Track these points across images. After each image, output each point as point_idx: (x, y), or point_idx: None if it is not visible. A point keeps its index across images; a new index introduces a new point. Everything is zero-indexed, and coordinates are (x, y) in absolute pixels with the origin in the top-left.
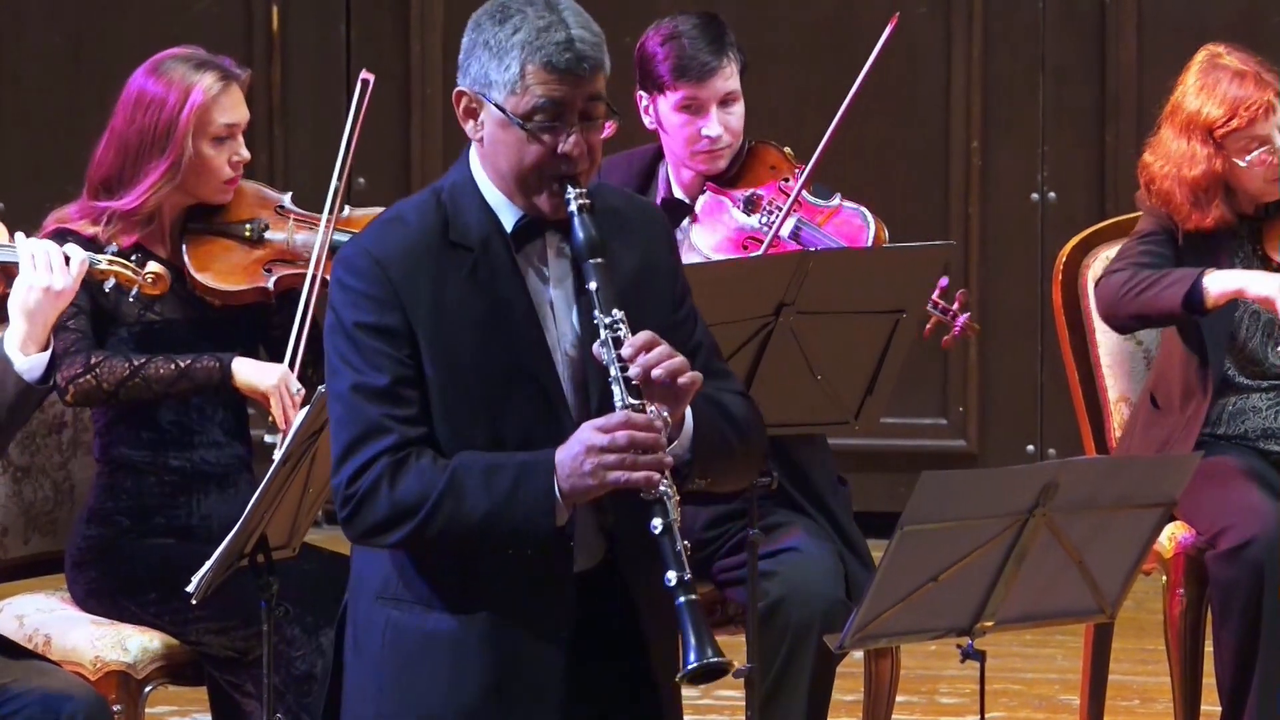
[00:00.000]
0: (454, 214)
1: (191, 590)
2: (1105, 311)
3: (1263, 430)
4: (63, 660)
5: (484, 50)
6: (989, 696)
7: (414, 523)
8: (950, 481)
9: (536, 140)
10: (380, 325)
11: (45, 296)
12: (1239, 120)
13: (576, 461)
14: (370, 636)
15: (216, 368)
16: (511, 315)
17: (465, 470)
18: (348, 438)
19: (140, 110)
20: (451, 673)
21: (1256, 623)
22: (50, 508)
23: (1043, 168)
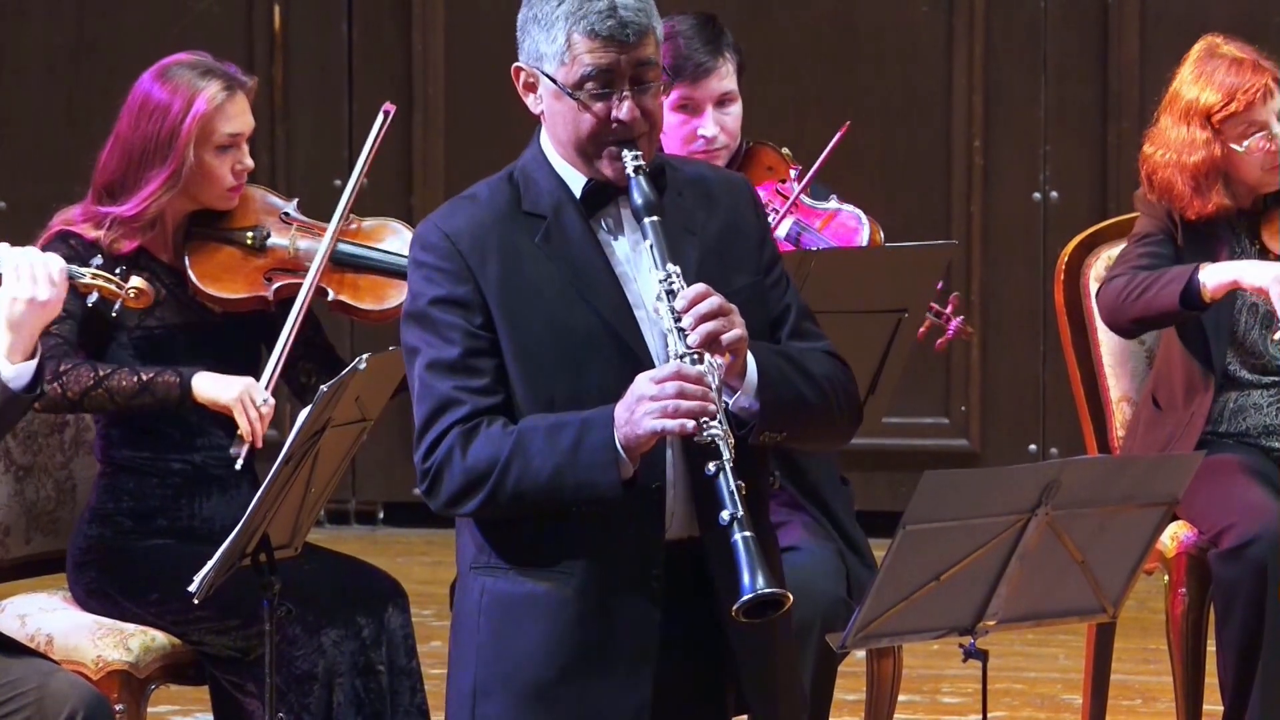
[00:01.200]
0: (525, 187)
1: (193, 590)
2: (1108, 318)
3: (1264, 427)
4: (65, 660)
5: (534, 24)
6: (991, 696)
7: (487, 488)
8: (952, 481)
9: (588, 109)
10: (452, 297)
11: (30, 308)
12: (1237, 104)
13: (629, 410)
14: (466, 606)
15: (176, 383)
16: (590, 276)
17: (531, 431)
18: (423, 414)
19: (145, 116)
20: (548, 635)
21: (1259, 622)
22: (52, 507)
23: (1045, 167)
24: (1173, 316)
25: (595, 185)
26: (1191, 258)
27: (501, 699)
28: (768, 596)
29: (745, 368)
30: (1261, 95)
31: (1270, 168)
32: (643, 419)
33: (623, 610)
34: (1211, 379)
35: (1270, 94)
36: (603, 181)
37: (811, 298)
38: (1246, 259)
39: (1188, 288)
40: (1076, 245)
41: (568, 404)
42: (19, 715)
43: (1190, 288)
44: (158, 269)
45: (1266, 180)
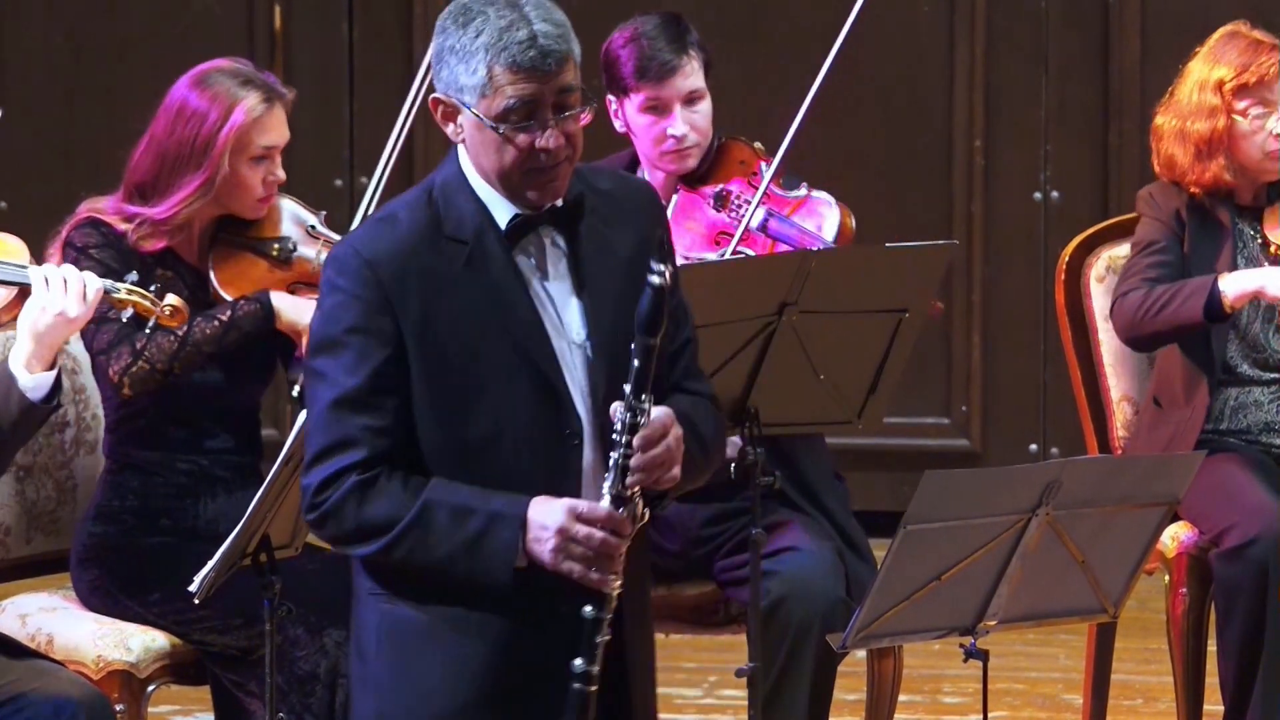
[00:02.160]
0: (446, 209)
1: (194, 590)
2: (1126, 335)
3: (1265, 424)
4: (65, 659)
5: (451, 55)
6: (992, 696)
7: (378, 545)
8: (953, 481)
9: (511, 142)
10: (367, 328)
11: (58, 321)
12: (1250, 76)
13: (545, 533)
14: (366, 635)
15: (259, 309)
16: (509, 306)
17: (436, 506)
18: (323, 442)
19: (181, 121)
20: (453, 664)
21: (1260, 622)
22: (53, 507)
23: (1046, 167)
24: (1195, 329)
25: (520, 219)
26: (1197, 257)
27: None
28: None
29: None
30: (1274, 74)
31: (1270, 153)
32: (558, 557)
33: (531, 637)
34: (1213, 375)
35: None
36: (528, 213)
37: (811, 298)
38: (1250, 252)
39: (1209, 300)
40: (1077, 245)
41: (484, 437)
42: (19, 716)
43: (1212, 299)
44: (182, 270)
45: (1265, 168)
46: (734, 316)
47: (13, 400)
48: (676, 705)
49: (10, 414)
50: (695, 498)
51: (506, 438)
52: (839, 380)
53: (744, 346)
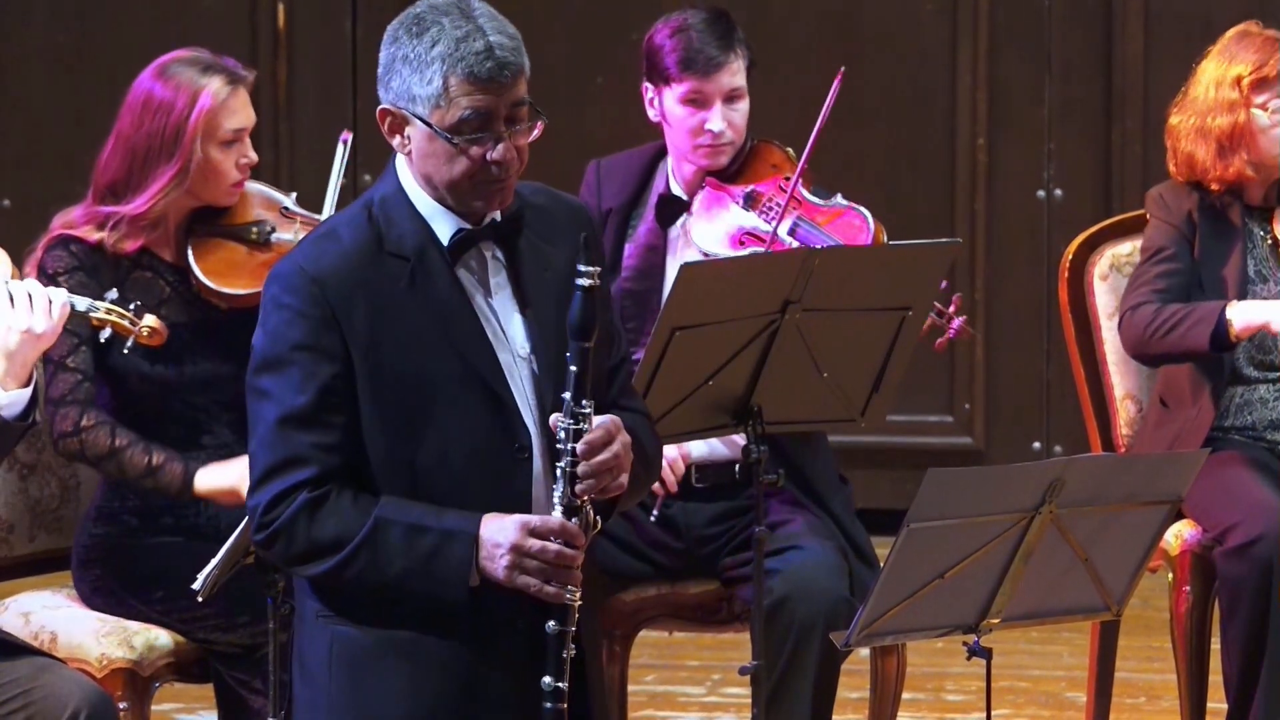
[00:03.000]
0: (386, 226)
1: (197, 588)
2: (1133, 351)
3: (1270, 422)
4: (69, 658)
5: (404, 65)
6: (995, 694)
7: (329, 564)
8: (956, 479)
9: (464, 153)
10: (315, 345)
11: (25, 338)
12: (1269, 69)
13: (499, 550)
14: (317, 654)
15: (180, 474)
16: (454, 322)
17: (387, 524)
18: (270, 461)
19: (148, 114)
20: (407, 686)
21: (1264, 620)
22: (56, 505)
23: (1049, 165)
24: (1201, 356)
25: (462, 234)
26: (1207, 259)
27: None
28: None
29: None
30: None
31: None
32: (512, 572)
33: (487, 657)
34: (1220, 378)
35: None
36: (471, 228)
37: (815, 296)
38: (1260, 254)
39: (1216, 331)
40: (1080, 243)
41: (432, 453)
42: (22, 714)
43: (1219, 330)
44: (161, 267)
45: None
46: (737, 314)
47: None
48: (680, 703)
49: None
50: (700, 496)
51: (456, 453)
52: (842, 378)
53: (747, 344)
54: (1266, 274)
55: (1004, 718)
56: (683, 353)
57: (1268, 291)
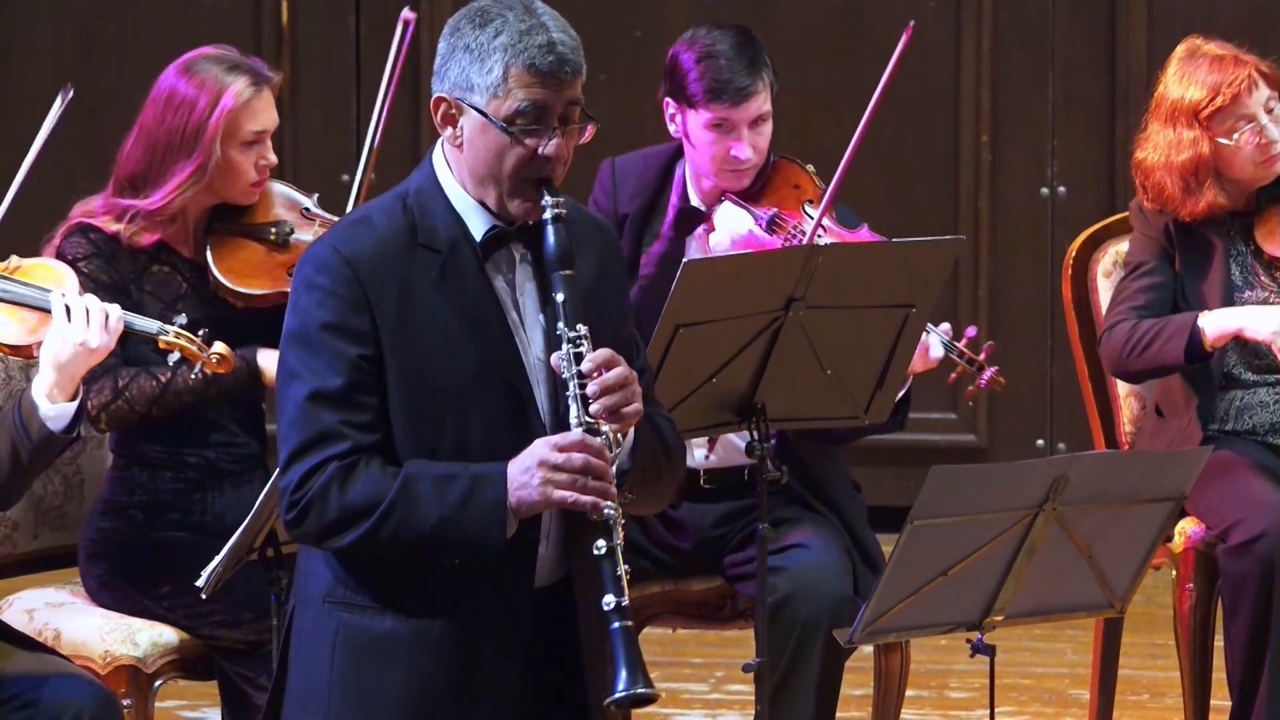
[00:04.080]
0: (421, 217)
1: (202, 584)
2: (1114, 371)
3: (1270, 425)
4: (72, 654)
5: (464, 54)
6: (999, 691)
7: (365, 527)
8: (960, 476)
9: (519, 143)
10: (345, 325)
11: (79, 351)
12: (1222, 99)
13: (527, 474)
14: (319, 640)
15: (243, 366)
16: (481, 319)
17: (417, 478)
18: (300, 440)
19: (170, 110)
20: (407, 675)
21: (1267, 617)
22: (60, 502)
23: (1052, 162)
24: (1178, 369)
25: (497, 231)
26: (1189, 269)
27: None
28: (640, 696)
29: (628, 433)
30: (1246, 87)
31: (1262, 161)
32: (546, 488)
33: (486, 659)
34: (1212, 386)
35: (1255, 85)
36: (503, 227)
37: (818, 293)
38: (1242, 261)
39: (1190, 343)
40: (1084, 240)
41: (451, 446)
42: (26, 711)
43: (1192, 341)
44: (178, 263)
45: (1260, 174)
46: (741, 311)
47: (33, 428)
48: (684, 700)
49: (31, 443)
50: (708, 498)
51: (473, 444)
52: (846, 375)
53: (751, 341)
54: (1251, 280)
55: (1007, 715)
56: (686, 350)
57: (1254, 297)
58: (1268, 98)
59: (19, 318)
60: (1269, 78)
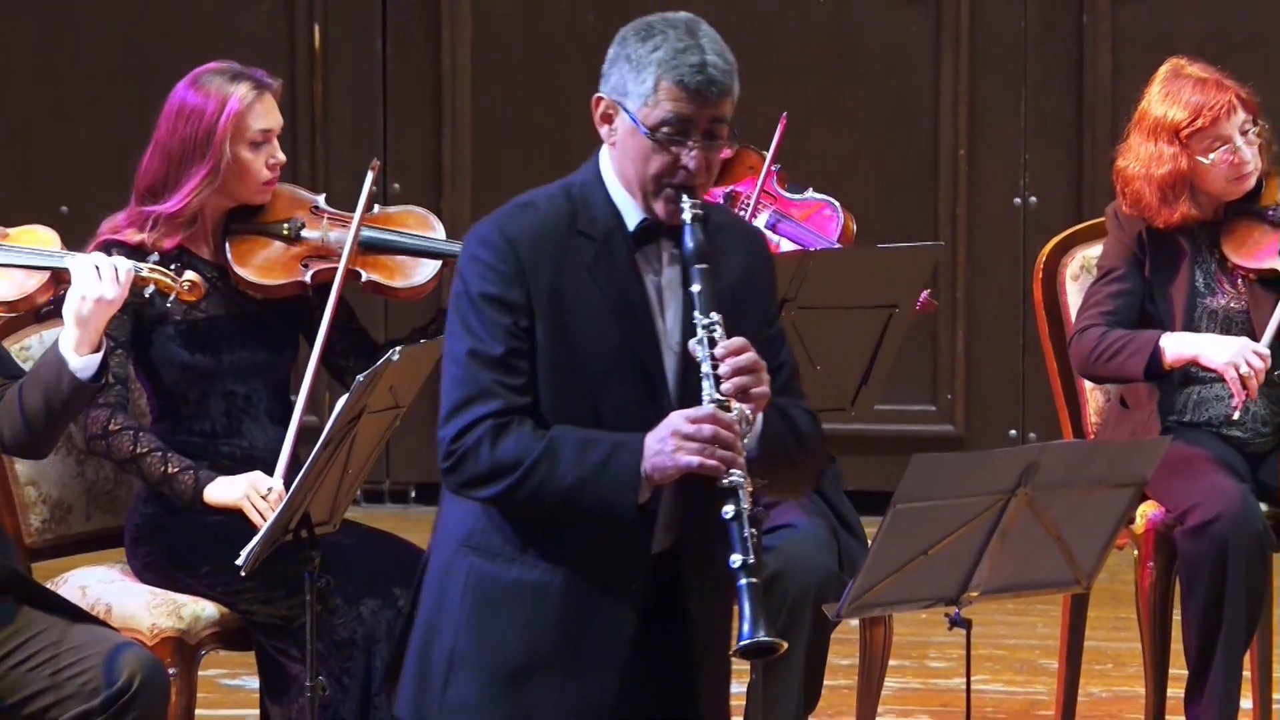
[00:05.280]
0: (583, 206)
1: (241, 563)
2: (1080, 372)
3: (1224, 417)
4: (123, 627)
5: (625, 62)
6: (974, 661)
7: (510, 480)
8: (939, 463)
9: (662, 150)
10: (503, 298)
11: (97, 306)
12: (1203, 120)
13: (661, 443)
14: (452, 580)
15: (190, 485)
16: (627, 305)
17: (562, 439)
18: (460, 396)
19: (181, 120)
20: (528, 622)
21: (1221, 593)
22: (110, 487)
23: (1024, 174)
24: (1137, 381)
25: (648, 223)
26: (1158, 275)
27: (476, 674)
28: (765, 644)
29: (756, 420)
30: (1225, 111)
31: (1234, 178)
32: (677, 454)
33: (601, 613)
34: (1172, 381)
35: (1233, 110)
36: (655, 220)
37: (809, 294)
38: (1208, 269)
39: (1150, 363)
40: (1054, 246)
41: (586, 417)
42: (81, 679)
43: (1153, 360)
44: (199, 264)
45: (1231, 190)
46: None
47: (64, 381)
48: None
49: (63, 393)
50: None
51: (607, 418)
52: (834, 371)
53: None
54: (1214, 286)
55: (982, 683)
56: None
57: (1216, 302)
58: (1243, 121)
59: (14, 279)
60: (1246, 103)
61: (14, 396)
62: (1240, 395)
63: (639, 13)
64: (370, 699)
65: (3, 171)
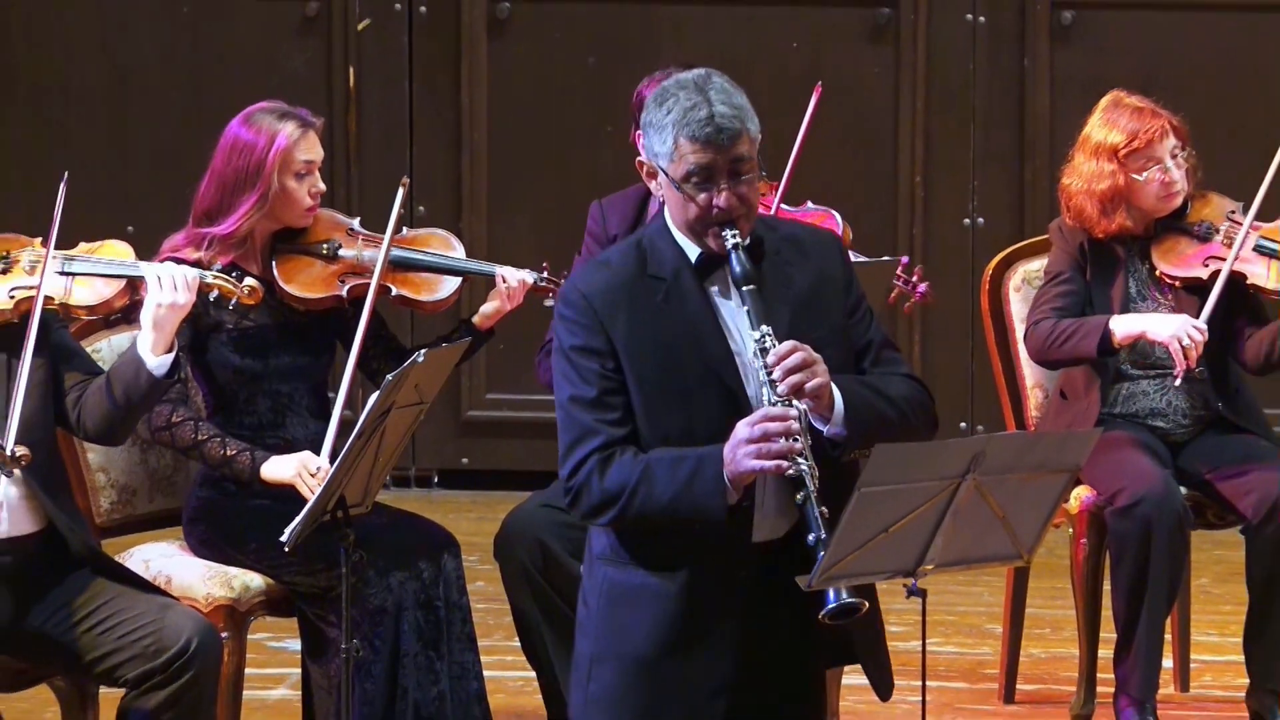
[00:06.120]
0: (651, 252)
1: (284, 540)
2: (1036, 358)
3: (1150, 410)
4: (181, 596)
5: (651, 129)
6: (929, 626)
7: (618, 507)
8: (898, 452)
9: (691, 199)
10: (588, 346)
11: (170, 311)
12: (1138, 142)
13: (732, 450)
14: (591, 589)
15: (248, 465)
16: (701, 330)
17: (656, 462)
18: (568, 439)
19: (235, 153)
20: (653, 619)
21: (1145, 566)
22: (170, 473)
23: (973, 198)
24: (1091, 361)
25: (706, 256)
26: (1097, 280)
27: (613, 667)
28: (848, 605)
29: (833, 402)
30: (1158, 135)
31: (1164, 196)
32: (743, 460)
33: (715, 603)
34: (1107, 375)
35: (1165, 134)
36: (710, 253)
37: None
38: (1140, 278)
39: (1102, 341)
40: (998, 261)
41: (680, 434)
42: (144, 642)
43: (1104, 339)
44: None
45: (1161, 207)
46: None
47: (142, 378)
48: None
49: (141, 388)
50: None
51: (699, 431)
52: None
53: None
54: (1145, 294)
55: (936, 645)
56: None
57: (1146, 308)
58: (1174, 146)
59: (91, 286)
60: (1177, 130)
61: (97, 391)
62: (1181, 364)
63: (634, 57)
64: (398, 659)
65: (77, 196)
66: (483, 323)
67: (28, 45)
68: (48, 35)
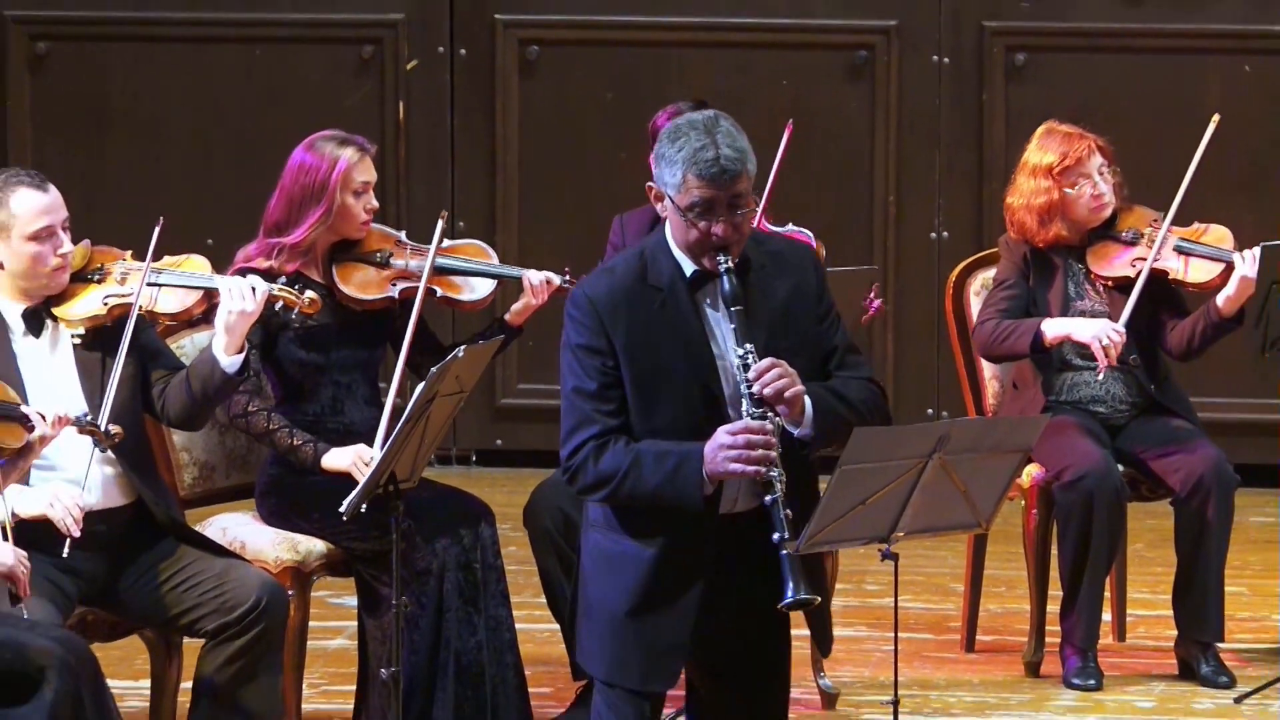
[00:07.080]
0: (651, 263)
1: (343, 511)
2: (981, 354)
3: (1091, 397)
4: (253, 559)
5: (662, 160)
6: (901, 585)
7: (609, 488)
8: (874, 434)
9: (693, 226)
10: (591, 345)
11: (241, 318)
12: (1069, 160)
13: (713, 452)
14: (586, 552)
15: (311, 454)
16: (690, 338)
17: (644, 453)
18: (570, 424)
19: (302, 174)
20: (625, 581)
21: (1088, 533)
22: (245, 452)
23: (939, 214)
24: (1026, 357)
25: (699, 273)
26: (1040, 286)
27: (593, 621)
28: (804, 601)
29: (804, 408)
30: (1086, 154)
31: (1094, 207)
32: (723, 462)
33: (680, 568)
34: (1051, 368)
35: (1093, 153)
36: (704, 270)
37: None
38: (1077, 282)
39: (1034, 340)
40: (960, 270)
41: (667, 426)
42: (220, 599)
43: (1036, 339)
44: (312, 284)
45: (1092, 218)
46: None
47: (216, 375)
48: None
49: (215, 384)
50: None
51: (682, 426)
52: None
53: None
54: (1082, 293)
55: (907, 602)
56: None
57: (1084, 305)
58: (1100, 164)
59: (177, 296)
60: (1103, 150)
61: (179, 384)
62: (1103, 361)
63: (648, 92)
64: (442, 614)
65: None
66: (514, 319)
67: (126, 89)
68: (143, 80)
